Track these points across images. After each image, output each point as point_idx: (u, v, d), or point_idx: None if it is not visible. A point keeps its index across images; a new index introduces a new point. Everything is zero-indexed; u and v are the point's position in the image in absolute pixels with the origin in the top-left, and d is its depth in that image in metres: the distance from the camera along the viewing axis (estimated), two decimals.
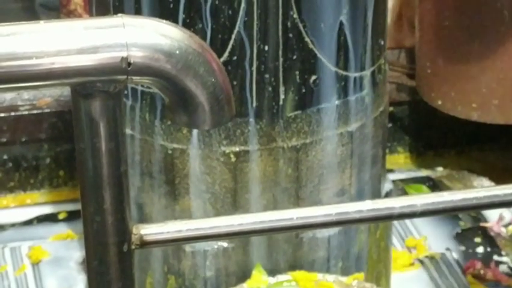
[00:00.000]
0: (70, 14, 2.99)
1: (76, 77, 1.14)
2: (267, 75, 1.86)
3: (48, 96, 2.58)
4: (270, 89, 1.87)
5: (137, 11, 1.84)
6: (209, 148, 1.90)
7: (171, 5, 1.82)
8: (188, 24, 1.80)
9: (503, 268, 2.40)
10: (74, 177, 2.47)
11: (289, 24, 1.84)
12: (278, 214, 1.59)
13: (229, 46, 1.84)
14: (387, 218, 1.90)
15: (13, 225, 2.53)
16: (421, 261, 2.41)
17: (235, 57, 1.84)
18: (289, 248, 1.96)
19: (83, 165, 1.21)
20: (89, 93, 1.17)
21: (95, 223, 1.24)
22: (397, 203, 1.67)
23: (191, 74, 1.13)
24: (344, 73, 1.91)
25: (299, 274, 1.91)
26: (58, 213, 2.55)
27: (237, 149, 1.90)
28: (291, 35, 1.84)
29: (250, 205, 1.92)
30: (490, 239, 2.47)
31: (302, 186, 1.94)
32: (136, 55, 1.11)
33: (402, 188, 2.63)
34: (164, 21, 1.14)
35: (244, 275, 1.93)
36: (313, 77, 1.89)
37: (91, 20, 1.18)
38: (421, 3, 2.53)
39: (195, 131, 1.87)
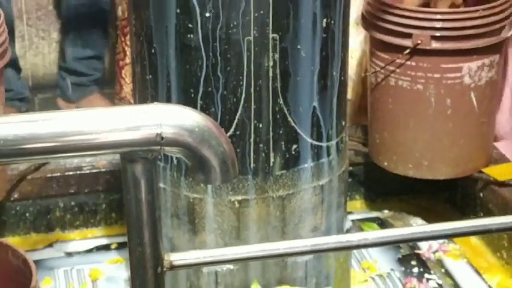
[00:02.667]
0: (122, 100, 3.00)
1: (124, 148, 1.14)
2: (261, 145, 1.86)
3: (104, 160, 2.57)
4: (263, 155, 1.86)
5: (168, 100, 1.85)
6: (219, 197, 1.90)
7: (192, 95, 1.83)
8: (204, 109, 1.81)
9: (432, 283, 2.38)
10: (123, 218, 2.46)
11: (277, 108, 1.84)
12: (269, 245, 1.58)
13: (234, 124, 1.84)
14: (348, 248, 1.89)
15: (78, 253, 2.51)
16: (373, 278, 2.39)
17: (238, 132, 1.84)
18: (277, 269, 1.95)
19: (129, 210, 1.21)
20: (133, 159, 1.17)
21: (137, 252, 1.23)
22: (355, 237, 1.67)
23: (206, 145, 1.14)
24: (317, 143, 1.91)
25: None
26: (111, 244, 2.54)
27: (240, 198, 1.89)
28: (278, 116, 1.85)
29: (249, 239, 1.91)
30: (422, 262, 2.45)
31: (286, 225, 1.93)
32: (167, 132, 1.11)
33: (359, 225, 2.61)
34: (187, 107, 1.14)
35: None
36: (295, 146, 1.88)
37: (135, 106, 1.19)
38: (372, 93, 2.54)
39: (209, 186, 1.86)
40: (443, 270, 2.43)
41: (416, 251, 2.49)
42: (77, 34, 3.15)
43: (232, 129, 1.83)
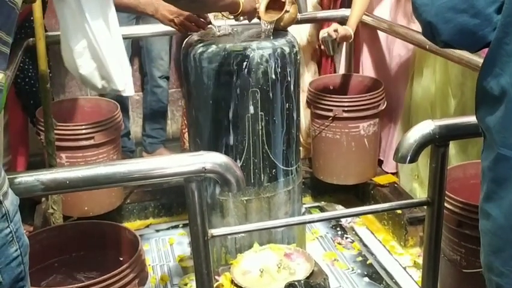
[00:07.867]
0: (184, 150, 2.94)
1: (186, 175, 1.14)
2: (256, 170, 1.84)
3: (174, 181, 2.54)
4: (258, 175, 1.85)
5: (208, 149, 1.80)
6: (236, 198, 1.87)
7: (219, 147, 1.82)
8: (226, 153, 1.79)
9: (348, 240, 2.36)
10: (185, 211, 2.43)
11: (264, 151, 1.83)
12: (262, 223, 1.58)
13: (242, 160, 1.82)
14: (303, 222, 1.88)
15: (162, 230, 2.48)
16: (317, 238, 2.38)
17: (244, 164, 1.83)
18: (267, 235, 1.92)
19: (189, 207, 1.20)
20: (191, 180, 1.16)
21: (194, 228, 1.22)
22: (307, 217, 1.66)
23: (228, 172, 1.14)
24: (286, 168, 1.89)
25: (272, 245, 1.85)
26: (179, 224, 2.49)
27: (246, 198, 1.87)
28: (265, 155, 1.84)
29: (252, 220, 1.88)
30: (343, 228, 2.43)
31: (271, 212, 1.90)
32: (208, 166, 1.11)
33: (309, 210, 2.60)
34: (218, 153, 1.15)
35: (250, 246, 1.88)
36: (274, 170, 1.87)
37: (191, 153, 1.18)
38: (313, 140, 2.53)
39: (230, 193, 1.84)
40: (354, 232, 2.41)
41: (340, 223, 2.47)
42: (151, 116, 3.08)
43: (241, 163, 1.82)
